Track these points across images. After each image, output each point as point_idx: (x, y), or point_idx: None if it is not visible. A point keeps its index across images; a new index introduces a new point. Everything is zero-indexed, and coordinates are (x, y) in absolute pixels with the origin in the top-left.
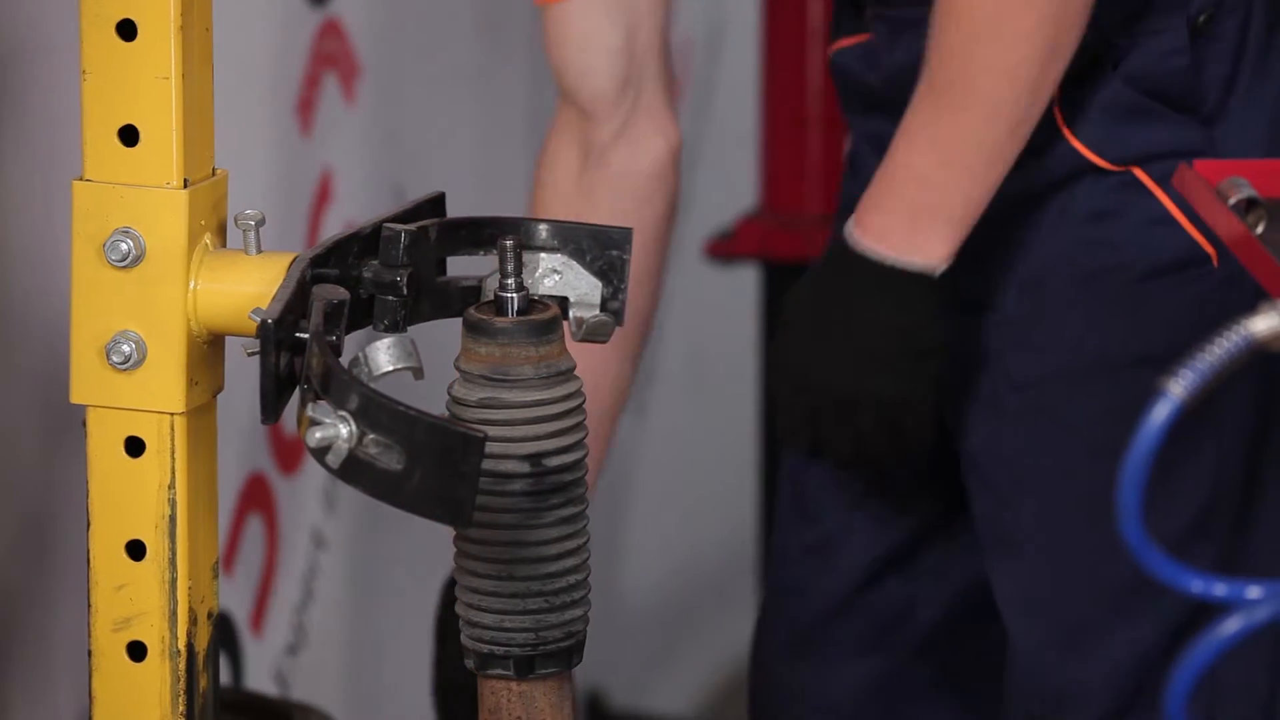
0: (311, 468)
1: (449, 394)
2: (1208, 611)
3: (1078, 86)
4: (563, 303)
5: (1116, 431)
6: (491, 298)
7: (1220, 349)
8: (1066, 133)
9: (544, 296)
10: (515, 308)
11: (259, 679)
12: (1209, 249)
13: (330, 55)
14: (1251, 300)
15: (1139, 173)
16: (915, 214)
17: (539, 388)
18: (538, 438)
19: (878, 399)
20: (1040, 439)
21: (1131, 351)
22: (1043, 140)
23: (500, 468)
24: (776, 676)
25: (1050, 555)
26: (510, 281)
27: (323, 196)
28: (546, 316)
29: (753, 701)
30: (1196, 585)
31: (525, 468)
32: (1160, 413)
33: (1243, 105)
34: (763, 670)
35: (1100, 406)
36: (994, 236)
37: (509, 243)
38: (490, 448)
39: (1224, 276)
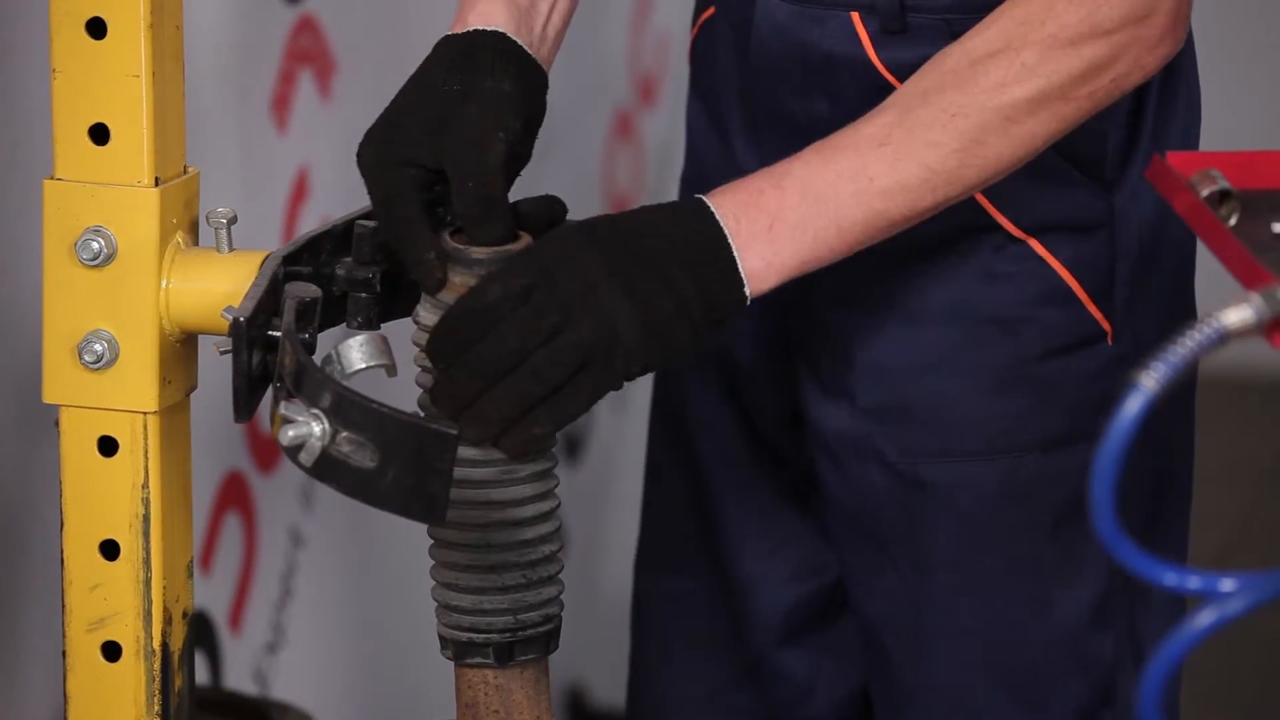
0: (289, 466)
1: (415, 322)
2: None
3: None
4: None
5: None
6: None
7: (1193, 341)
8: None
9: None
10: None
11: (238, 678)
12: (1106, 326)
13: (306, 52)
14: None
15: (1037, 245)
16: (775, 222)
17: None
18: None
19: (604, 322)
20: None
21: (1030, 436)
22: None
23: None
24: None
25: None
26: None
27: (299, 194)
28: (521, 245)
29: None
30: (1170, 578)
31: None
32: (1133, 405)
33: (1142, 172)
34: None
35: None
36: (863, 294)
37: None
38: None
39: (1115, 355)
